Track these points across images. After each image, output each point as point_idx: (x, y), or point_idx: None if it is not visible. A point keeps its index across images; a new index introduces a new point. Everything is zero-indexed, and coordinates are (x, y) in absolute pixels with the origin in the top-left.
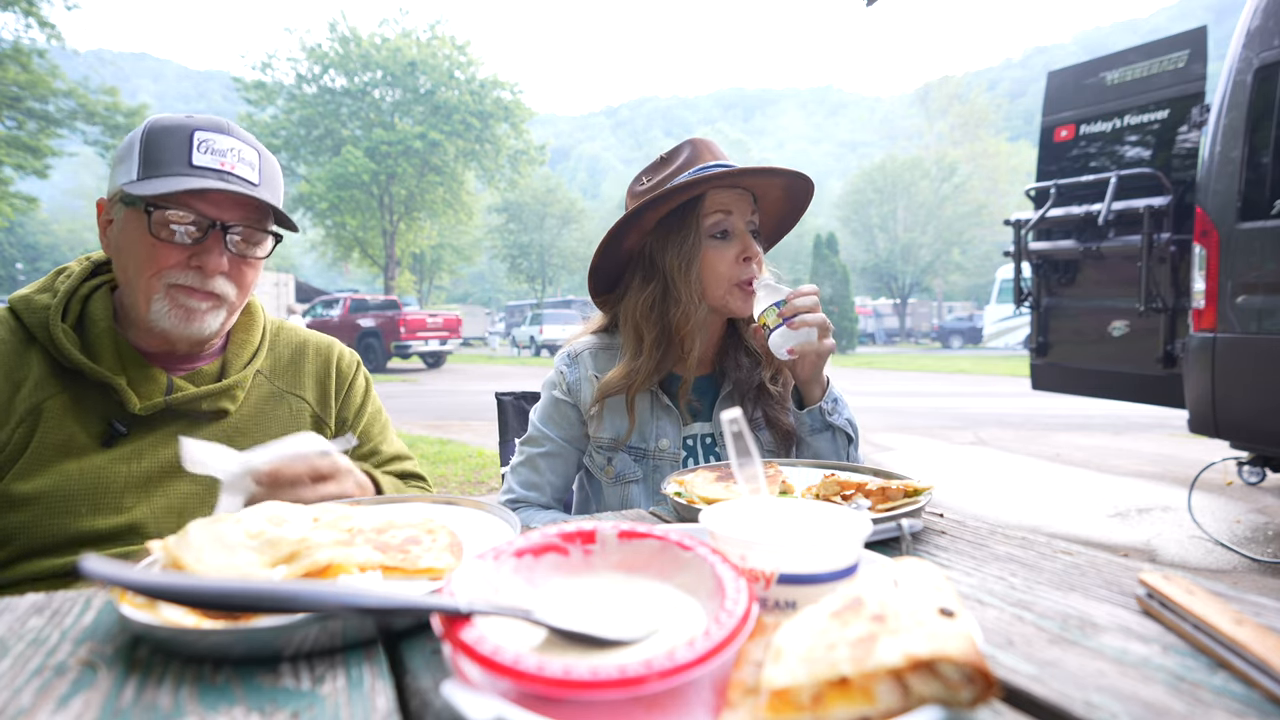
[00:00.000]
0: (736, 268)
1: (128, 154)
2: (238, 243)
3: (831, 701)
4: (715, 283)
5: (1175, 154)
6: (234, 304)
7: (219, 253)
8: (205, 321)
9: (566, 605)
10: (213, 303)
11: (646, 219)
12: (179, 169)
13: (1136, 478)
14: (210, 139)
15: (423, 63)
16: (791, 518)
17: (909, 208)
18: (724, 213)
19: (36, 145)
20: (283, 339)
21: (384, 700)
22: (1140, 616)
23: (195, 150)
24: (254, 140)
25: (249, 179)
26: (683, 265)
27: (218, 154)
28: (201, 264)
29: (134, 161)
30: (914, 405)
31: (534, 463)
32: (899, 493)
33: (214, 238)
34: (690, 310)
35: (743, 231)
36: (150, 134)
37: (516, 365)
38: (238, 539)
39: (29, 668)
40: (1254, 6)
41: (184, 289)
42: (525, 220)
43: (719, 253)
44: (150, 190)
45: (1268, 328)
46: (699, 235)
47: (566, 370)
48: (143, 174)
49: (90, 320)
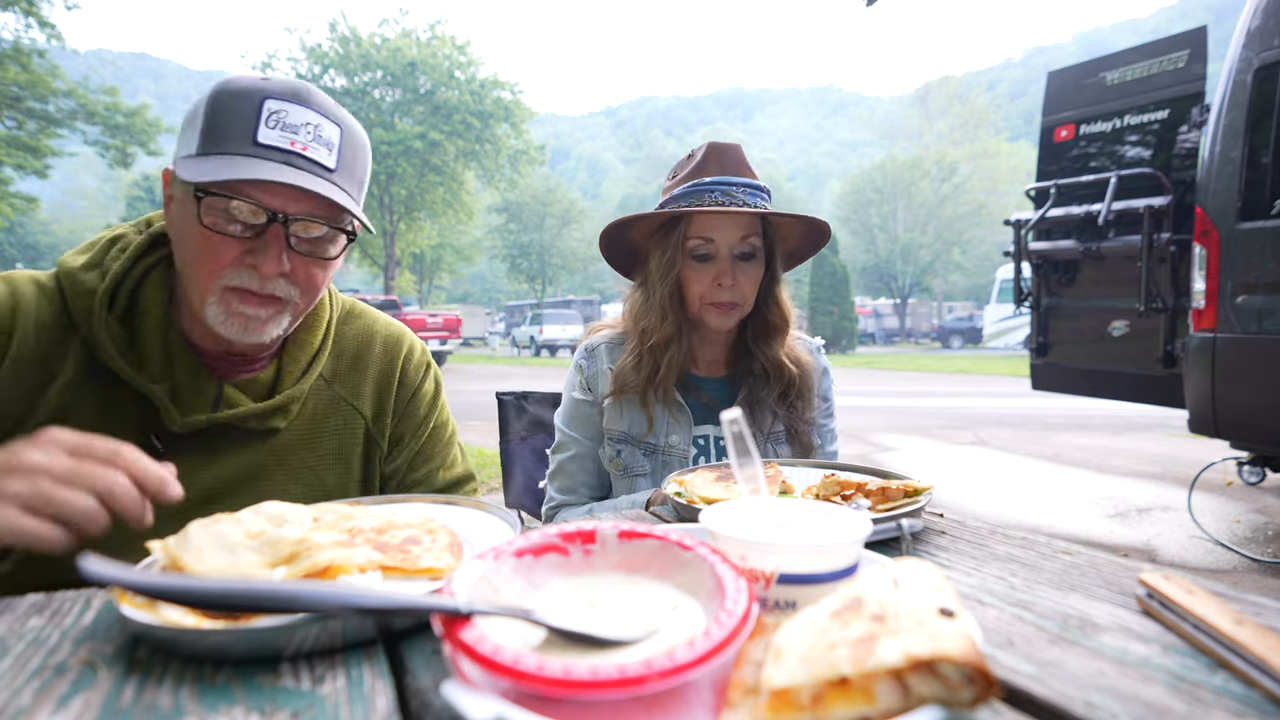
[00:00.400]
0: (711, 289)
1: (193, 120)
2: (302, 240)
3: (831, 701)
4: (690, 299)
5: (1175, 154)
6: (299, 307)
7: (278, 251)
8: (265, 330)
9: (566, 605)
10: (273, 309)
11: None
12: (239, 146)
13: (1136, 478)
14: (283, 110)
15: (423, 63)
16: (791, 518)
17: (909, 208)
18: (704, 239)
19: (36, 145)
20: (349, 331)
21: (384, 700)
22: (1140, 616)
23: (263, 124)
24: (338, 112)
25: (323, 163)
26: (661, 275)
27: (289, 130)
28: (256, 263)
29: (196, 130)
30: (914, 405)
31: (564, 469)
32: (899, 493)
33: (273, 232)
34: (659, 318)
35: (724, 257)
36: (216, 99)
37: (516, 365)
38: (238, 539)
39: (29, 668)
40: (1254, 6)
41: (240, 292)
42: (525, 220)
43: (696, 273)
44: (198, 174)
45: (1268, 328)
46: (680, 252)
47: (585, 364)
48: (201, 148)
49: (142, 309)
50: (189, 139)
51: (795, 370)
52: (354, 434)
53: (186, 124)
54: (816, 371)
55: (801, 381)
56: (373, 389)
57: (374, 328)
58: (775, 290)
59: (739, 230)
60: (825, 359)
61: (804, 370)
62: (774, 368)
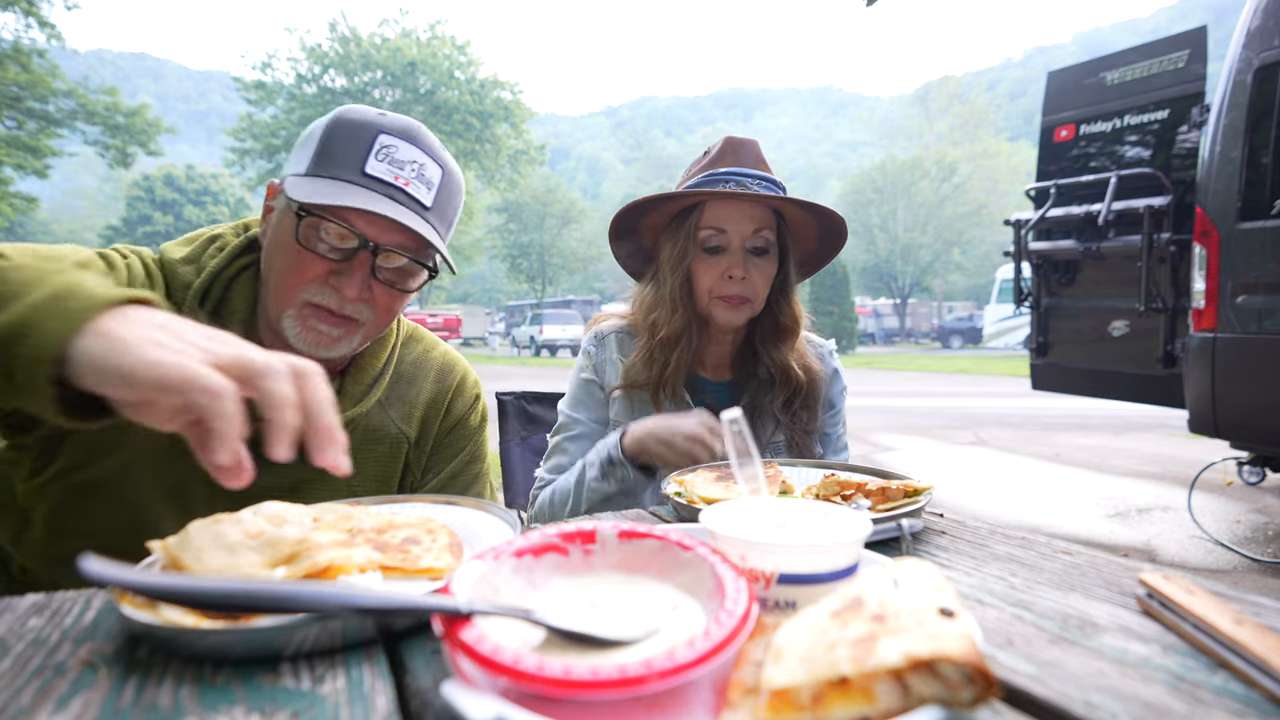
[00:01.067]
0: (720, 283)
1: (307, 140)
2: (386, 270)
3: (831, 701)
4: (699, 292)
5: (1175, 154)
6: (371, 330)
7: (362, 277)
8: (335, 348)
9: (566, 605)
10: (345, 329)
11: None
12: (348, 174)
13: (1136, 478)
14: (393, 146)
15: (423, 63)
16: (791, 518)
17: (909, 208)
18: (716, 229)
19: (36, 145)
20: (408, 355)
21: (384, 700)
22: (1140, 616)
23: (372, 156)
24: (443, 154)
25: (421, 200)
26: (672, 267)
27: (395, 165)
28: (340, 286)
29: (310, 151)
30: (914, 405)
31: (563, 448)
32: (899, 493)
33: (361, 259)
34: (669, 311)
35: (736, 249)
36: (334, 125)
37: (516, 365)
38: (238, 539)
39: (29, 668)
40: (1254, 6)
41: (318, 309)
42: (525, 220)
43: (706, 265)
44: (305, 194)
45: (1268, 328)
46: (692, 244)
47: (594, 350)
48: (311, 169)
49: (229, 310)
50: (301, 158)
51: (803, 377)
52: (397, 457)
53: (301, 144)
54: (826, 379)
55: (809, 390)
56: (420, 414)
57: (431, 354)
58: (788, 291)
59: (752, 223)
60: (837, 361)
61: (813, 378)
62: (780, 373)
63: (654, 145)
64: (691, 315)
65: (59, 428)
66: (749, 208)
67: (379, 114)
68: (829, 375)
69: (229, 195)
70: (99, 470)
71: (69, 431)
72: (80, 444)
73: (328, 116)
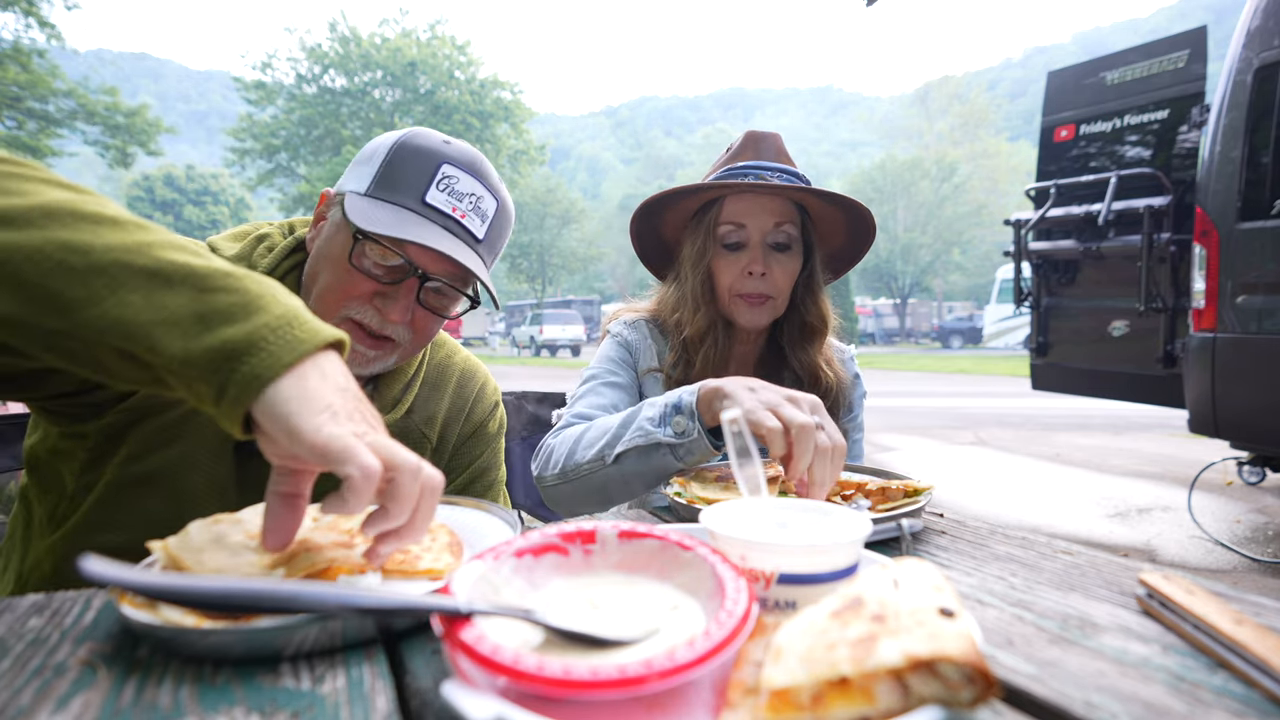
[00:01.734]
0: (740, 280)
1: (370, 159)
2: (431, 297)
3: (831, 702)
4: (719, 290)
5: (1175, 154)
6: (407, 350)
7: (408, 302)
8: (371, 365)
9: (566, 605)
10: (382, 351)
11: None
12: (409, 201)
13: (1136, 478)
14: (455, 178)
15: (423, 63)
16: (791, 518)
17: (909, 208)
18: (735, 225)
19: (36, 145)
20: (432, 361)
21: (384, 700)
22: (1140, 616)
23: (434, 186)
24: (500, 187)
25: (475, 232)
26: (692, 265)
27: (455, 196)
28: (384, 308)
29: (372, 171)
30: (914, 405)
31: (599, 391)
32: (899, 493)
33: (408, 285)
34: (692, 310)
35: (756, 244)
36: (399, 149)
37: (517, 365)
38: (238, 540)
39: (29, 668)
40: (1254, 6)
41: (358, 326)
42: (525, 220)
43: (726, 262)
44: (369, 222)
45: (1268, 328)
46: (711, 240)
47: (627, 331)
48: (372, 190)
49: None
50: (362, 175)
51: (833, 379)
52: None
53: (363, 160)
54: (849, 383)
55: (836, 395)
56: (442, 419)
57: (453, 359)
58: (814, 289)
59: (772, 216)
60: (857, 366)
61: (840, 382)
62: (809, 375)
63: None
64: (715, 314)
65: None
66: (768, 201)
67: (444, 140)
68: (850, 380)
69: (229, 195)
70: (157, 461)
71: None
72: (144, 434)
73: (393, 137)
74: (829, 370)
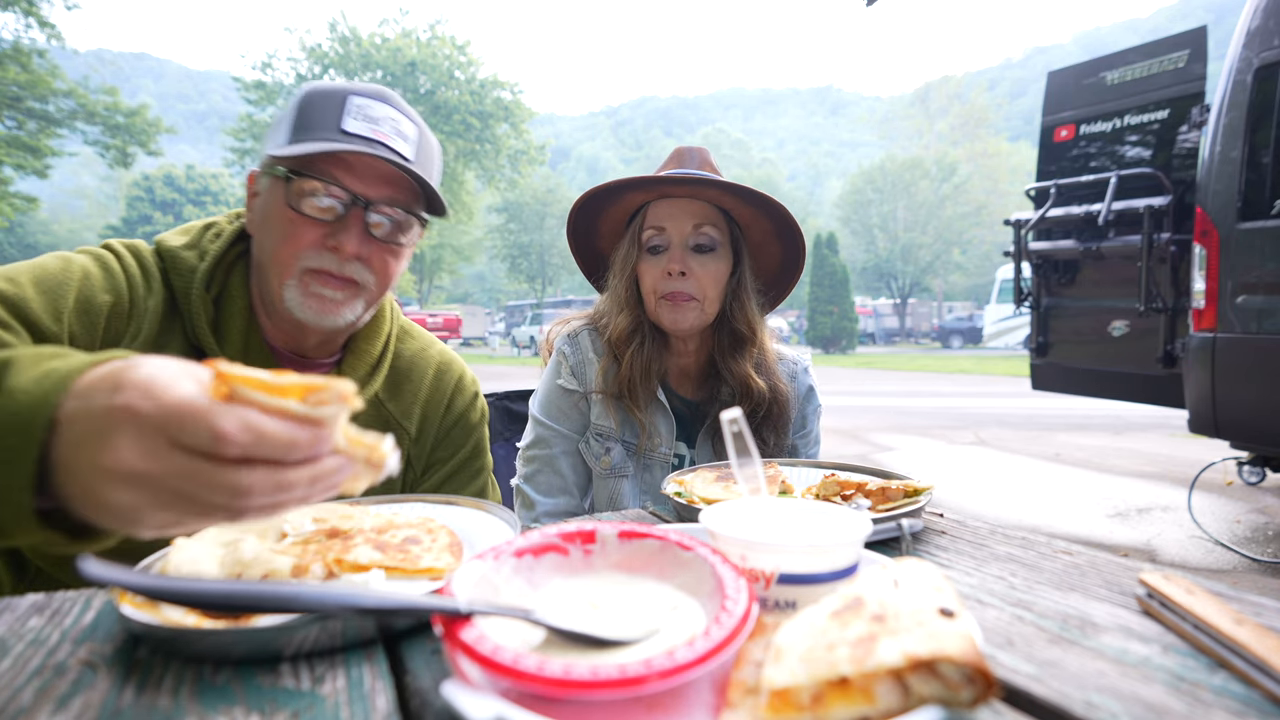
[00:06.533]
0: (662, 280)
1: (280, 120)
2: (380, 225)
3: (831, 701)
4: (645, 294)
5: (1175, 154)
6: (373, 294)
7: (359, 233)
8: (341, 313)
9: (567, 605)
10: (349, 291)
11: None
12: (327, 134)
13: (1136, 478)
14: (366, 105)
15: (423, 63)
16: (791, 518)
17: (909, 208)
18: (657, 229)
19: (36, 145)
20: (405, 350)
21: (384, 700)
22: (1140, 616)
23: (347, 114)
24: (415, 115)
25: (403, 153)
26: (619, 270)
27: (371, 121)
28: (338, 244)
29: (286, 127)
30: (914, 405)
31: (554, 466)
32: (899, 493)
33: (354, 215)
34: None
35: (677, 245)
36: (305, 98)
37: (516, 365)
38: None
39: (29, 668)
40: (1254, 6)
41: (318, 274)
42: (525, 220)
43: (649, 264)
44: (291, 153)
45: (1268, 328)
46: (636, 246)
47: (569, 351)
48: (291, 138)
49: (229, 296)
50: (278, 135)
51: (764, 389)
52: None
53: (274, 126)
54: (797, 398)
55: (774, 408)
56: (420, 411)
57: (429, 351)
58: (742, 296)
59: (691, 218)
60: (812, 378)
61: (779, 397)
62: (740, 385)
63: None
64: (641, 317)
65: None
66: (688, 204)
67: (346, 82)
68: (801, 394)
69: (229, 195)
70: None
71: None
72: None
73: (298, 93)
74: (758, 380)
